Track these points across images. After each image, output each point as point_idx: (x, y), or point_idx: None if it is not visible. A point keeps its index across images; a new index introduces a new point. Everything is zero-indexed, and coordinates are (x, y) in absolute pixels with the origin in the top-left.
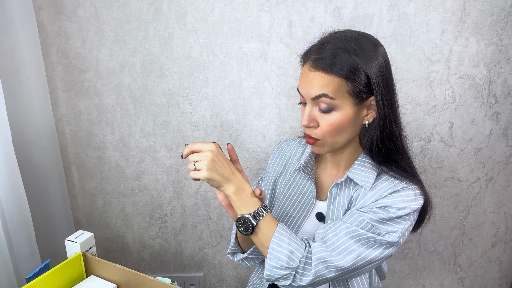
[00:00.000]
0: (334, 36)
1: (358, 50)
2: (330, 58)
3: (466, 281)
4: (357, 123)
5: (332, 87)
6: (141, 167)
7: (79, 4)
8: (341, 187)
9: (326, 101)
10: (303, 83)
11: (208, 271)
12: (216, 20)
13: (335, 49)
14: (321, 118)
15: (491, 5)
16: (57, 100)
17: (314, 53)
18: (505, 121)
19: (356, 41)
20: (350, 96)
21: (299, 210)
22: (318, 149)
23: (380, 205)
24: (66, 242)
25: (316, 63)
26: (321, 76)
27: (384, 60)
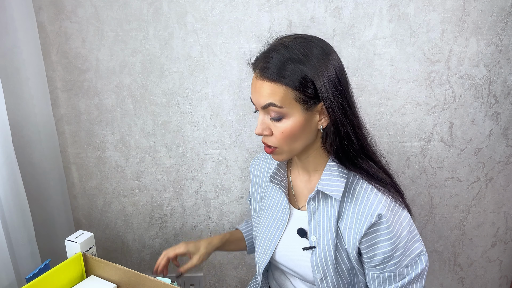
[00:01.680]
0: (280, 44)
1: (303, 57)
2: (275, 67)
3: (466, 281)
4: (311, 128)
5: (278, 96)
6: (141, 167)
7: (79, 4)
8: (318, 200)
9: (274, 109)
10: (253, 92)
11: (208, 271)
12: (216, 20)
13: (279, 58)
14: (273, 126)
15: (491, 5)
16: (57, 100)
17: (260, 62)
18: (505, 121)
19: (302, 47)
20: (298, 103)
21: (279, 221)
22: (277, 157)
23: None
24: (66, 242)
25: (262, 72)
26: (267, 85)
27: (332, 64)
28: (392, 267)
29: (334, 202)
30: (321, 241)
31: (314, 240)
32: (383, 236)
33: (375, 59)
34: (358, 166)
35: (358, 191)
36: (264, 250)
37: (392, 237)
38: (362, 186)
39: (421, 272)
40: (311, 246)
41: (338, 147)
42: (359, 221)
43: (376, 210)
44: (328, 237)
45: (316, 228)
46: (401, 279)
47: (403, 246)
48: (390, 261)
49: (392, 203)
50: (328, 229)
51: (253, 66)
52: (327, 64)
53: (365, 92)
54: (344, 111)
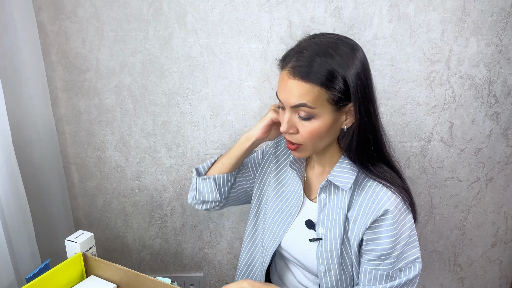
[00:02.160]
0: (313, 42)
1: (337, 56)
2: (308, 65)
3: (466, 281)
4: (337, 128)
5: (311, 96)
6: (141, 167)
7: (79, 4)
8: (329, 192)
9: (305, 110)
10: (282, 90)
11: (208, 271)
12: (216, 20)
13: (313, 56)
14: (301, 124)
15: (491, 5)
16: (57, 100)
17: (292, 59)
18: (505, 121)
19: (335, 47)
20: (329, 104)
21: (291, 208)
22: (299, 154)
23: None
24: (66, 242)
25: (294, 70)
26: (300, 85)
27: (363, 66)
28: (386, 266)
29: (344, 195)
30: (328, 234)
31: (322, 232)
32: (386, 232)
33: (375, 59)
34: (368, 168)
35: (369, 186)
36: (273, 234)
37: (394, 235)
38: (372, 183)
39: (413, 278)
40: (318, 238)
41: (353, 149)
42: (365, 214)
43: (384, 206)
44: (336, 230)
45: (324, 220)
46: (391, 281)
47: (402, 248)
48: (387, 259)
49: (400, 204)
50: (336, 222)
51: (282, 63)
52: (356, 63)
53: None
54: (369, 114)
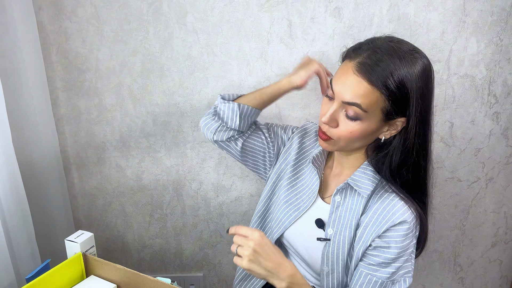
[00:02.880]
0: (390, 45)
1: (409, 69)
2: (379, 69)
3: (466, 281)
4: (374, 136)
5: (369, 100)
6: (141, 167)
7: (79, 4)
8: (344, 195)
9: (356, 110)
10: (340, 82)
11: (208, 271)
12: (216, 20)
13: (387, 61)
14: (344, 122)
15: (491, 5)
16: (57, 100)
17: (363, 55)
18: (505, 121)
19: (410, 58)
20: (381, 113)
21: (301, 202)
22: (327, 145)
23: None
24: (66, 242)
25: (362, 67)
26: (361, 84)
27: (428, 86)
28: (383, 275)
29: (360, 200)
30: (338, 236)
31: (331, 233)
32: (396, 243)
33: None
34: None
35: (387, 195)
36: (278, 223)
37: (402, 247)
38: (390, 194)
39: None
40: (326, 238)
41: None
42: (379, 222)
43: (401, 217)
44: (346, 233)
45: (335, 222)
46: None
47: (403, 261)
48: (386, 268)
49: (414, 220)
50: (347, 226)
51: (351, 53)
52: (426, 84)
53: None
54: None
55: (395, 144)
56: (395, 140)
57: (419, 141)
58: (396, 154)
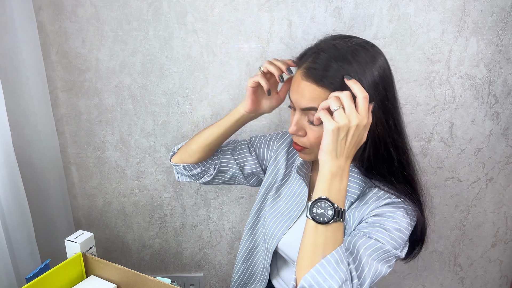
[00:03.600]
0: (332, 44)
1: (355, 63)
2: (323, 69)
3: (466, 281)
4: None
5: (322, 101)
6: (141, 167)
7: (79, 4)
8: None
9: (315, 114)
10: (294, 91)
11: (208, 271)
12: (216, 20)
13: (329, 60)
14: (309, 128)
15: (491, 5)
16: (57, 100)
17: (308, 60)
18: (505, 121)
19: (354, 53)
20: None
21: (292, 211)
22: (305, 156)
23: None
24: (66, 242)
25: (308, 72)
26: (312, 88)
27: (382, 76)
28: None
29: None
30: None
31: None
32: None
33: None
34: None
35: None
36: (272, 234)
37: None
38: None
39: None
40: None
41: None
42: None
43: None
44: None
45: None
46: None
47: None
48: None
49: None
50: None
51: (298, 61)
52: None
53: None
54: (388, 128)
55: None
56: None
57: (384, 131)
58: (370, 147)
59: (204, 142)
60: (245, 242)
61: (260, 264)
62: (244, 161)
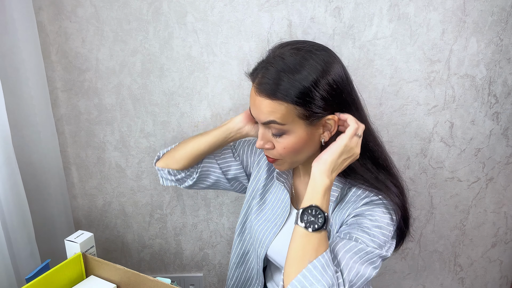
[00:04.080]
0: (279, 57)
1: (304, 72)
2: (274, 83)
3: (466, 281)
4: (314, 141)
5: (280, 114)
6: (141, 167)
7: (79, 4)
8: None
9: (276, 126)
10: (252, 106)
11: (208, 271)
12: (216, 20)
13: (278, 73)
14: (275, 141)
15: (491, 5)
16: (57, 100)
17: (259, 75)
18: (505, 121)
19: (302, 61)
20: (301, 119)
21: (277, 217)
22: (279, 167)
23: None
24: (66, 242)
25: (260, 88)
26: (267, 103)
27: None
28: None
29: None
30: None
31: None
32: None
33: (375, 59)
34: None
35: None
36: (260, 242)
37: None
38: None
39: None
40: None
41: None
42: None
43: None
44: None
45: None
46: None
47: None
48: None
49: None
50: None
51: (251, 76)
52: (327, 76)
53: (365, 92)
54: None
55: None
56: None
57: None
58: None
59: (192, 151)
60: (235, 249)
61: (254, 268)
62: (227, 166)
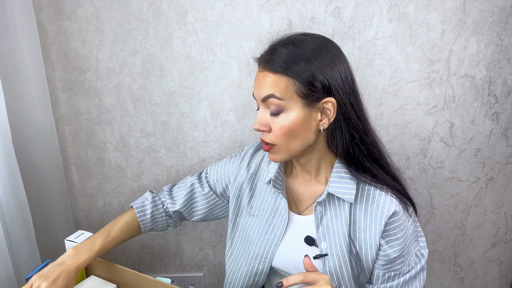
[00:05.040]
0: (288, 38)
1: (305, 47)
2: (280, 59)
3: (466, 281)
4: (311, 127)
5: (279, 87)
6: (141, 167)
7: (79, 4)
8: (325, 204)
9: (274, 102)
10: (255, 85)
11: (208, 271)
12: (216, 20)
13: (281, 48)
14: (272, 121)
15: (491, 5)
16: (57, 100)
17: (267, 55)
18: (505, 121)
19: (303, 39)
20: (299, 97)
21: (275, 227)
22: (274, 156)
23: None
24: (66, 242)
25: (266, 64)
26: (269, 76)
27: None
28: (398, 266)
29: (344, 205)
30: (334, 248)
31: (325, 247)
32: (397, 234)
33: (375, 59)
34: (366, 168)
35: (368, 193)
36: (261, 257)
37: (403, 236)
38: (369, 189)
39: (421, 268)
40: (323, 254)
41: (348, 146)
42: (374, 220)
43: (391, 208)
44: (342, 242)
45: (325, 234)
46: (403, 275)
47: (409, 245)
48: (398, 259)
49: (401, 204)
50: (340, 234)
51: (258, 60)
52: (336, 62)
53: (365, 92)
54: (354, 110)
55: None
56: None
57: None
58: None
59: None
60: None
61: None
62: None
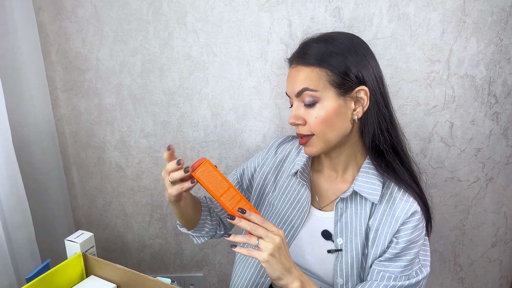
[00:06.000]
0: (316, 36)
1: (335, 42)
2: (307, 52)
3: (466, 281)
4: (346, 116)
5: (312, 80)
6: (141, 167)
7: (79, 4)
8: (347, 201)
9: (308, 93)
10: (288, 83)
11: (208, 271)
12: (216, 20)
13: (313, 43)
14: (307, 114)
15: (491, 5)
16: (57, 100)
17: (296, 53)
18: (505, 121)
19: (333, 35)
20: (332, 87)
21: (294, 217)
22: (310, 149)
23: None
24: (66, 242)
25: (297, 59)
26: (300, 70)
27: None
28: (395, 269)
29: (366, 204)
30: (349, 244)
31: (341, 242)
32: (406, 236)
33: None
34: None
35: (391, 193)
36: None
37: (411, 239)
38: (394, 188)
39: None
40: (337, 249)
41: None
42: (389, 221)
43: (411, 209)
44: (358, 240)
45: (343, 230)
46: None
47: (415, 254)
48: (397, 262)
49: (420, 210)
50: (358, 232)
51: (290, 59)
52: (367, 55)
53: None
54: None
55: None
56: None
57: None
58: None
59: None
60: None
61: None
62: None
